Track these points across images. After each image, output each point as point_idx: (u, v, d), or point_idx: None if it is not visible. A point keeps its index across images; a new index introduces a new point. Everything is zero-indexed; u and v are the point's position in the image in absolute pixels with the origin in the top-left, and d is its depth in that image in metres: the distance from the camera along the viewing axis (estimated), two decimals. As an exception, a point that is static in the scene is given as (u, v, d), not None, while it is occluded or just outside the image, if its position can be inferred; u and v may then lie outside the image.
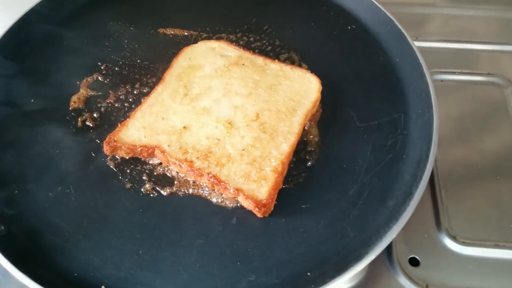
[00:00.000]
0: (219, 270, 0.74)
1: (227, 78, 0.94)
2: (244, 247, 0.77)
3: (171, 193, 0.83)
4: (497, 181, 0.93)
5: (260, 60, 0.98)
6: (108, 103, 0.96)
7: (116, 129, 0.88)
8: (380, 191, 0.82)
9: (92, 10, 1.11)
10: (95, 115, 0.94)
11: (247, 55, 0.99)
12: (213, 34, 1.08)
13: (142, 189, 0.83)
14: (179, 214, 0.81)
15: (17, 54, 1.00)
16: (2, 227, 0.78)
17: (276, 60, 0.98)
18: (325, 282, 0.70)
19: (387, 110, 0.93)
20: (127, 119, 0.89)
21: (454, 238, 0.85)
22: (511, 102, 1.06)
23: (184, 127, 0.87)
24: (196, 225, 0.79)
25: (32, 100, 0.95)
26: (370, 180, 0.84)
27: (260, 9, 1.13)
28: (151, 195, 0.83)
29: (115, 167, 0.86)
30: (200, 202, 0.82)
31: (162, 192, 0.83)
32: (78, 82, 0.98)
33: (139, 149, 0.85)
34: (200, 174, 0.81)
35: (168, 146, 0.85)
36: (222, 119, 0.88)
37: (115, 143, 0.85)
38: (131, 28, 1.09)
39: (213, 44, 1.01)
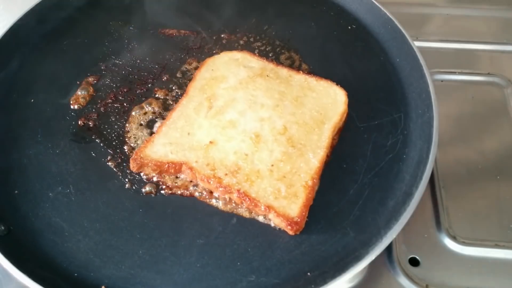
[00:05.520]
0: (219, 270, 0.74)
1: (252, 89, 0.92)
2: (244, 247, 0.77)
3: (171, 193, 0.83)
4: (497, 181, 0.93)
5: (284, 71, 0.96)
6: (108, 103, 0.96)
7: (142, 146, 0.86)
8: (380, 191, 0.82)
9: (92, 10, 1.11)
10: (95, 115, 0.94)
11: (271, 66, 0.97)
12: (213, 34, 1.08)
13: (142, 189, 0.84)
14: (179, 214, 0.81)
15: (18, 54, 1.00)
16: (2, 227, 0.78)
17: (301, 72, 0.96)
18: (325, 282, 0.70)
19: (387, 110, 0.93)
20: (153, 135, 0.88)
21: (454, 238, 0.85)
22: (511, 102, 1.06)
23: (211, 142, 0.84)
24: (196, 225, 0.79)
25: (32, 100, 0.95)
26: (370, 180, 0.84)
27: (260, 9, 1.13)
28: (151, 195, 0.83)
29: (115, 167, 0.86)
30: (200, 202, 0.82)
31: (162, 192, 0.83)
32: (78, 82, 0.98)
33: (166, 165, 0.83)
34: (229, 191, 0.79)
35: (196, 162, 0.82)
36: (249, 132, 0.85)
37: (141, 160, 0.83)
38: (131, 28, 1.09)
39: (236, 55, 0.99)
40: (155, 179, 0.84)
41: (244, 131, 0.86)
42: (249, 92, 0.91)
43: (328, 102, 0.91)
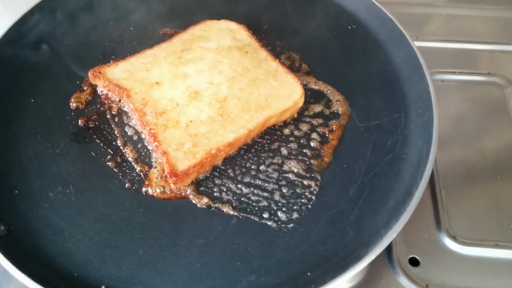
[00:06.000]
0: (219, 270, 0.74)
1: (222, 57, 0.96)
2: (244, 247, 0.77)
3: (169, 198, 0.83)
4: (497, 181, 0.93)
5: (263, 54, 0.98)
6: (108, 103, 0.96)
7: (107, 64, 0.94)
8: (380, 191, 0.82)
9: (92, 10, 1.11)
10: (95, 115, 0.94)
11: (255, 45, 1.00)
12: (213, 34, 1.08)
13: (142, 189, 0.84)
14: (179, 214, 0.81)
15: (18, 54, 1.00)
16: (2, 227, 0.78)
17: (277, 60, 0.97)
18: (325, 282, 0.70)
19: (387, 110, 0.93)
20: (121, 60, 0.96)
21: (454, 238, 0.86)
22: (511, 102, 1.06)
23: (157, 83, 0.91)
24: (196, 225, 0.79)
25: (32, 100, 0.95)
26: (370, 180, 0.84)
27: (260, 9, 1.13)
28: (151, 195, 0.83)
29: (115, 167, 0.86)
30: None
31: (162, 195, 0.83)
32: (78, 82, 0.98)
33: (112, 86, 0.91)
34: (144, 126, 0.86)
35: (136, 93, 0.89)
36: (192, 89, 0.90)
37: (98, 74, 0.92)
38: (131, 28, 1.09)
39: (233, 25, 1.04)
40: (158, 189, 0.84)
41: (189, 86, 0.91)
42: (218, 58, 0.96)
43: (282, 94, 0.91)
